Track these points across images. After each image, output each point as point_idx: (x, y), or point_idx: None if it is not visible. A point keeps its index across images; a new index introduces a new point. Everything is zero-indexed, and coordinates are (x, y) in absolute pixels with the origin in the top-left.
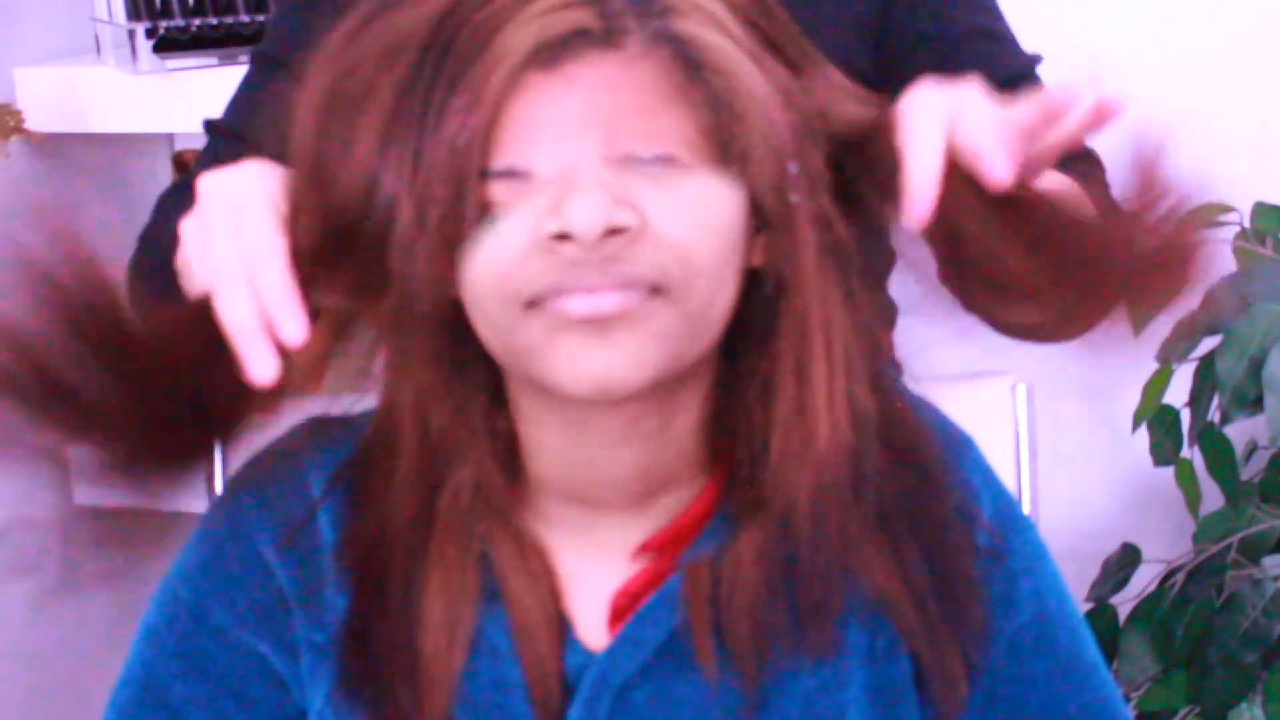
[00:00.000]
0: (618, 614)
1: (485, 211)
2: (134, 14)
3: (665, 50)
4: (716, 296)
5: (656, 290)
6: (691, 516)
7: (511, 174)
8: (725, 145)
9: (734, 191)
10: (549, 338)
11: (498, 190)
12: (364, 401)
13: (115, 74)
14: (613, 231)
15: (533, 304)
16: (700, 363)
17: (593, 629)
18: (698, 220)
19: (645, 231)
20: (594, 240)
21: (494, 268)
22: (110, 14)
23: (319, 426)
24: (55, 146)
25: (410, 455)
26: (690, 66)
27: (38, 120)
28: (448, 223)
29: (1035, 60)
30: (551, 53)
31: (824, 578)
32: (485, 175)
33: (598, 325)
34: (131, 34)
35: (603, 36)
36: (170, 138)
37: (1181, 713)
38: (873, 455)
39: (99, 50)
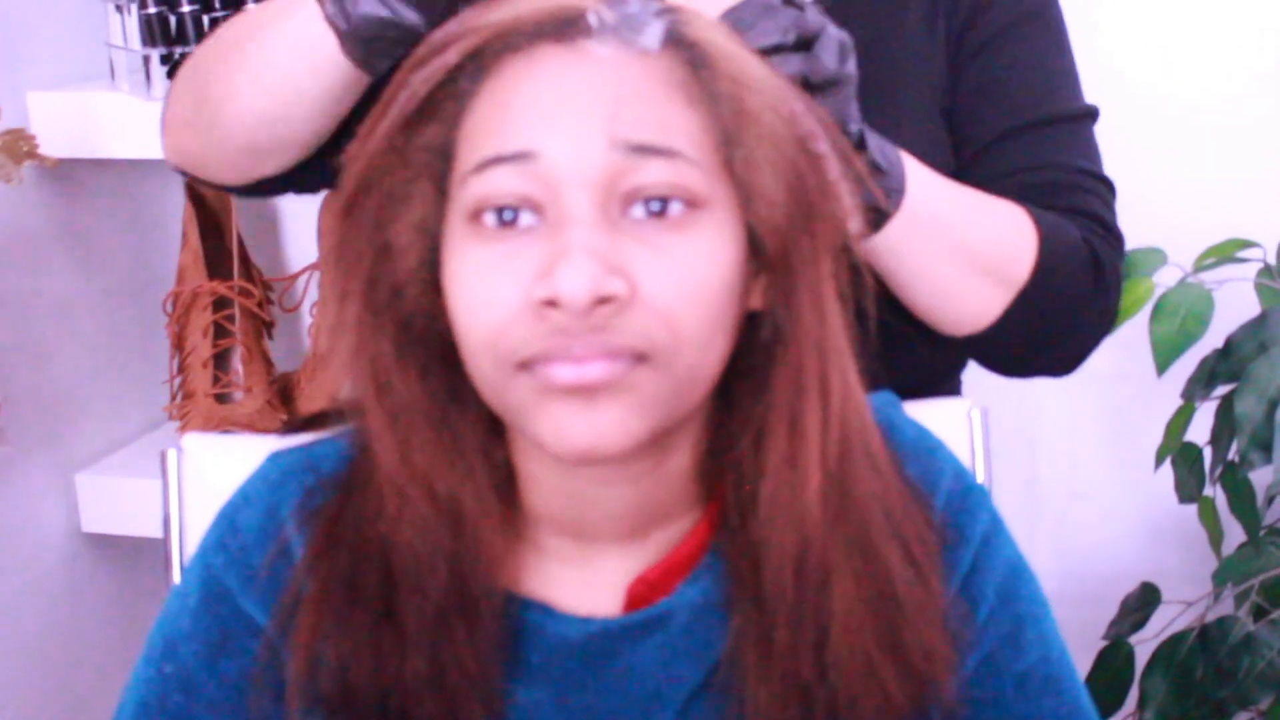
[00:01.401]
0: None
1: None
2: (149, 40)
3: (677, 51)
4: (705, 360)
5: (642, 359)
6: (684, 552)
7: (518, 157)
8: (729, 149)
9: (730, 248)
10: (537, 401)
11: (505, 177)
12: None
13: (129, 99)
14: (602, 300)
15: (523, 366)
16: (694, 409)
17: None
18: (689, 287)
19: (635, 299)
20: (582, 309)
21: (486, 328)
22: (125, 39)
23: (280, 459)
24: (68, 172)
25: (395, 485)
26: (701, 68)
27: (51, 145)
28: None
29: (1089, 110)
30: (564, 27)
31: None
32: (496, 161)
33: (584, 393)
34: (146, 60)
35: (616, 28)
36: None
37: None
38: (863, 508)
39: (113, 75)
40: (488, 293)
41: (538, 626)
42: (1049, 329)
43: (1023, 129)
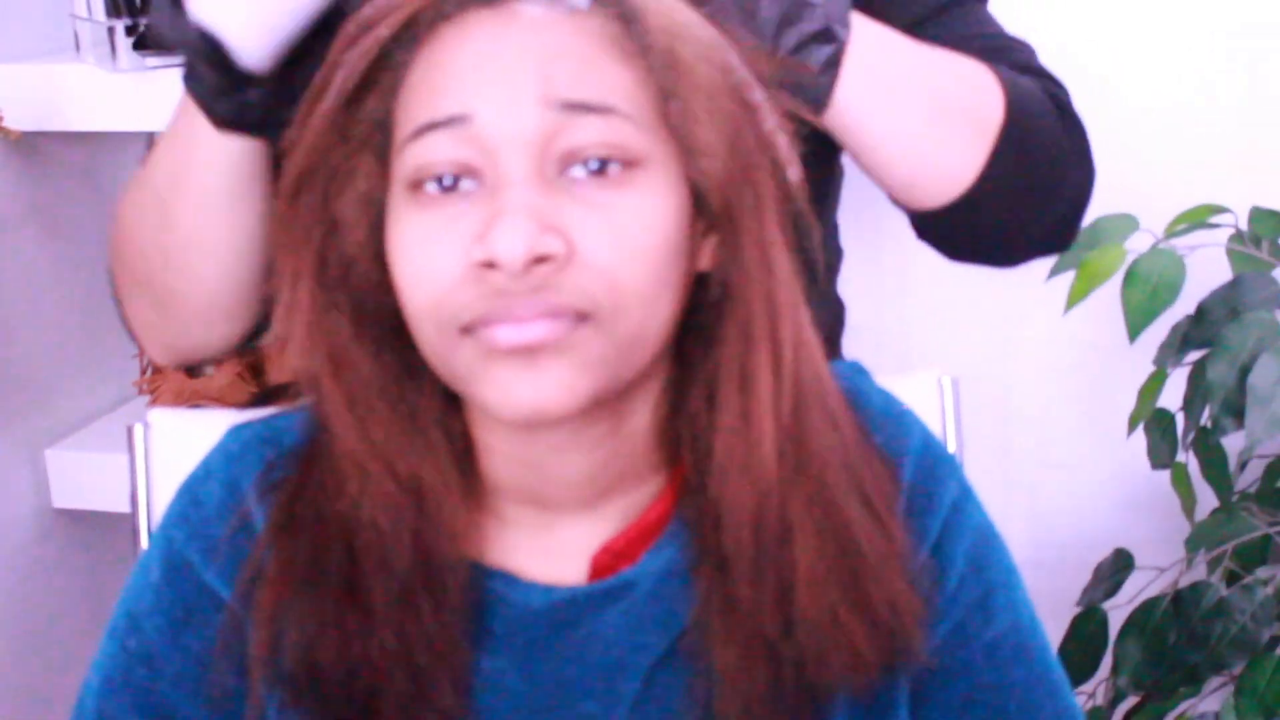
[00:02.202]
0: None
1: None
2: (114, 11)
3: (608, 8)
4: (650, 319)
5: (584, 318)
6: (649, 520)
7: (451, 121)
8: (665, 103)
9: (671, 204)
10: (481, 364)
11: (440, 143)
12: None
13: (94, 71)
14: (539, 259)
15: (466, 330)
16: (647, 369)
17: None
18: (629, 244)
19: (573, 258)
20: (520, 269)
21: (428, 294)
22: (90, 11)
23: (241, 432)
24: (33, 145)
25: (355, 463)
26: (632, 22)
27: (16, 118)
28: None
29: None
30: None
31: (770, 601)
32: (431, 127)
33: (526, 354)
34: (111, 31)
35: None
36: (150, 136)
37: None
38: (821, 462)
39: (78, 48)
40: (428, 259)
41: (501, 596)
42: (1035, 181)
43: (926, 19)
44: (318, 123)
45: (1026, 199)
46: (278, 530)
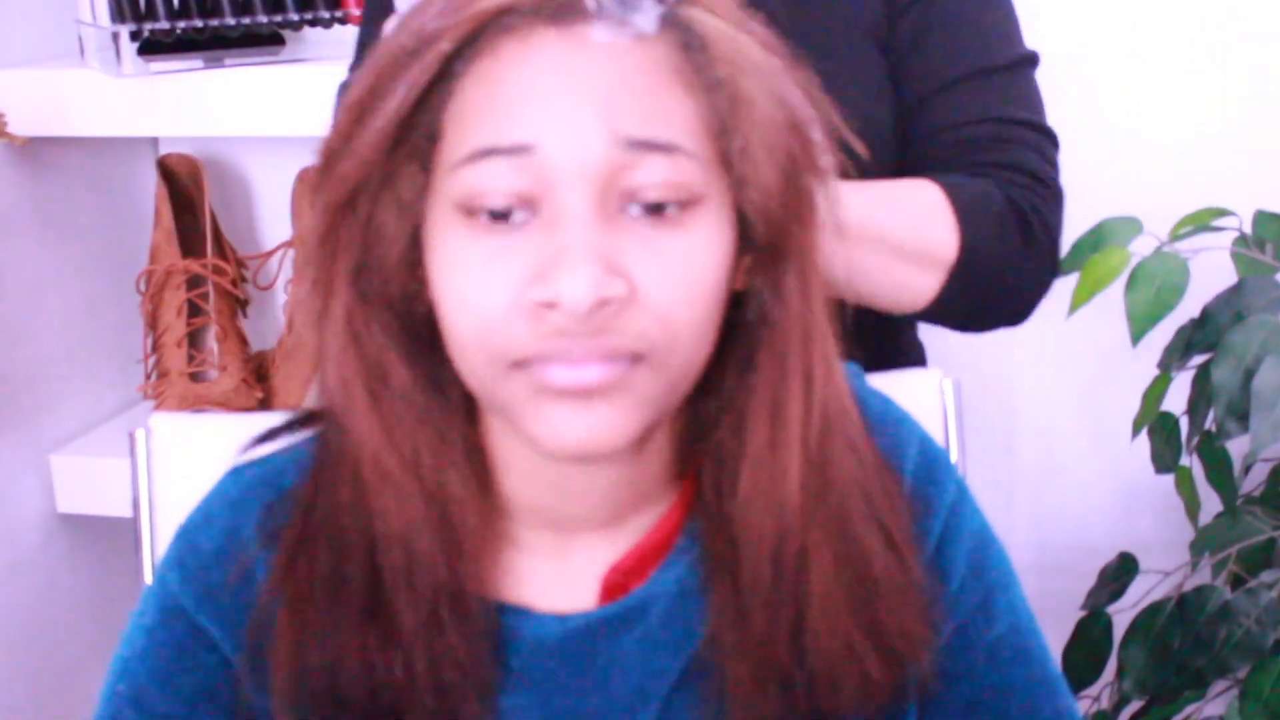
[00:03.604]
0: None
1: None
2: (118, 16)
3: (674, 34)
4: (697, 354)
5: (639, 359)
6: (659, 537)
7: (514, 150)
8: (726, 138)
9: (723, 241)
10: (531, 400)
11: (499, 170)
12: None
13: (99, 77)
14: (602, 303)
15: (518, 365)
16: (682, 399)
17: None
18: (685, 285)
19: (634, 300)
20: (584, 313)
21: (479, 324)
22: (94, 16)
23: (242, 475)
24: (38, 150)
25: (385, 477)
26: (697, 52)
27: (20, 123)
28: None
29: (1028, 57)
30: (562, 10)
31: (785, 623)
32: (491, 153)
33: (580, 395)
34: (115, 36)
35: (614, 11)
36: (154, 141)
37: None
38: (843, 493)
39: (82, 53)
40: (479, 289)
41: (514, 630)
42: (989, 295)
43: (957, 83)
44: (373, 137)
45: (981, 307)
46: (289, 563)
